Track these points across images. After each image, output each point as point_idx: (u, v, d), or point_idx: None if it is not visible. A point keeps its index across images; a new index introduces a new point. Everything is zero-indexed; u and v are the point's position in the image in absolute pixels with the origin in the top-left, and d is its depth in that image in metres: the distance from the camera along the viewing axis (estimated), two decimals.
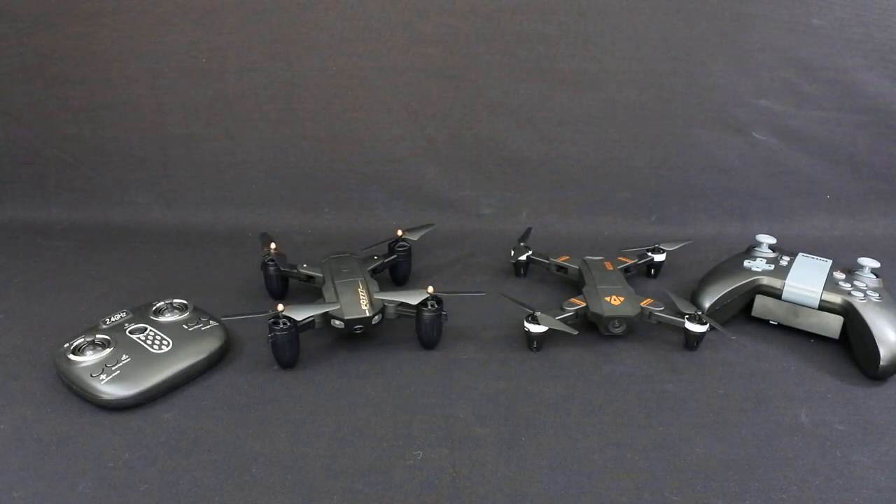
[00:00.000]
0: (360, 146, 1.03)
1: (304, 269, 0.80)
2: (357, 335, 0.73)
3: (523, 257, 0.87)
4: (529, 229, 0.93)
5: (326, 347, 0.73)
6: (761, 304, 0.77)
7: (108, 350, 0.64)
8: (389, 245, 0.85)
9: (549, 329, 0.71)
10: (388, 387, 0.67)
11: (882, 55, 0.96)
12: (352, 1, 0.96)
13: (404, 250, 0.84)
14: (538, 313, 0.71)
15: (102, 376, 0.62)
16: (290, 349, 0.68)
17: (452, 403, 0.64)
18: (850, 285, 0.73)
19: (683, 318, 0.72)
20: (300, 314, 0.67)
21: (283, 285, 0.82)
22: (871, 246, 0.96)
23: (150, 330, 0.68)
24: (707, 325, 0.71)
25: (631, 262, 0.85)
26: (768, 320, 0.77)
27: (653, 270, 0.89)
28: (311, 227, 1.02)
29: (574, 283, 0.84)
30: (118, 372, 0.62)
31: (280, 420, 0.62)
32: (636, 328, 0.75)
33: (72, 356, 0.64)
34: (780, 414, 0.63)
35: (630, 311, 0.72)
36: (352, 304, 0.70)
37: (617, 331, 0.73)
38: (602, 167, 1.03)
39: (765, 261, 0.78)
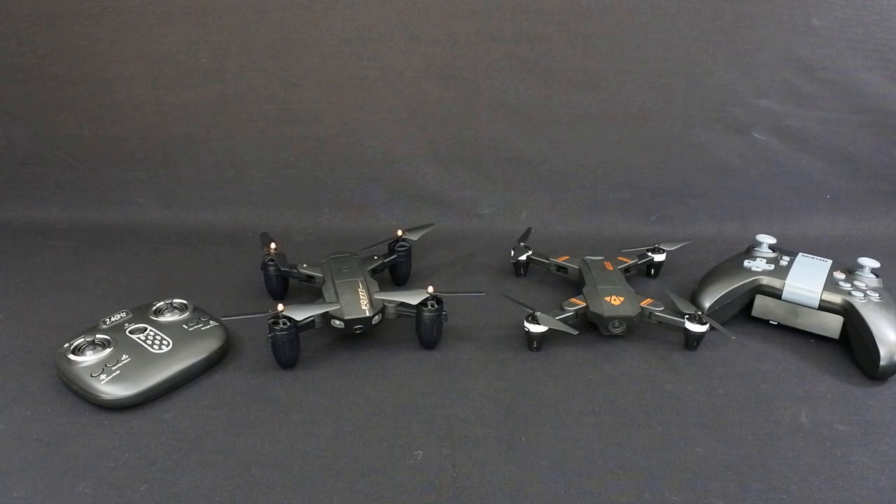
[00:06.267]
0: (360, 146, 1.03)
1: (304, 269, 0.80)
2: (357, 335, 0.73)
3: (523, 257, 0.87)
4: (529, 229, 0.93)
5: (326, 347, 0.73)
6: (761, 304, 0.77)
7: (108, 350, 0.64)
8: (389, 245, 0.85)
9: (549, 329, 0.71)
10: (388, 387, 0.67)
11: (882, 55, 0.96)
12: (352, 1, 0.96)
13: (404, 250, 0.84)
14: (538, 313, 0.71)
15: (102, 376, 0.62)
16: (290, 349, 0.67)
17: (452, 403, 0.64)
18: (850, 285, 0.73)
19: (683, 318, 0.72)
20: (300, 314, 0.67)
21: (283, 285, 0.82)
22: (871, 246, 0.96)
23: (150, 330, 0.68)
24: (707, 325, 0.71)
25: (631, 262, 0.85)
26: (768, 320, 0.77)
27: (653, 270, 0.89)
28: (311, 227, 1.02)
29: (574, 283, 0.84)
30: (118, 372, 0.62)
31: (280, 420, 0.62)
32: (636, 328, 0.75)
33: (72, 356, 0.64)
34: (780, 414, 0.63)
35: (630, 311, 0.72)
36: (352, 304, 0.70)
37: (617, 331, 0.73)
38: (602, 167, 1.03)
39: (765, 261, 0.78)
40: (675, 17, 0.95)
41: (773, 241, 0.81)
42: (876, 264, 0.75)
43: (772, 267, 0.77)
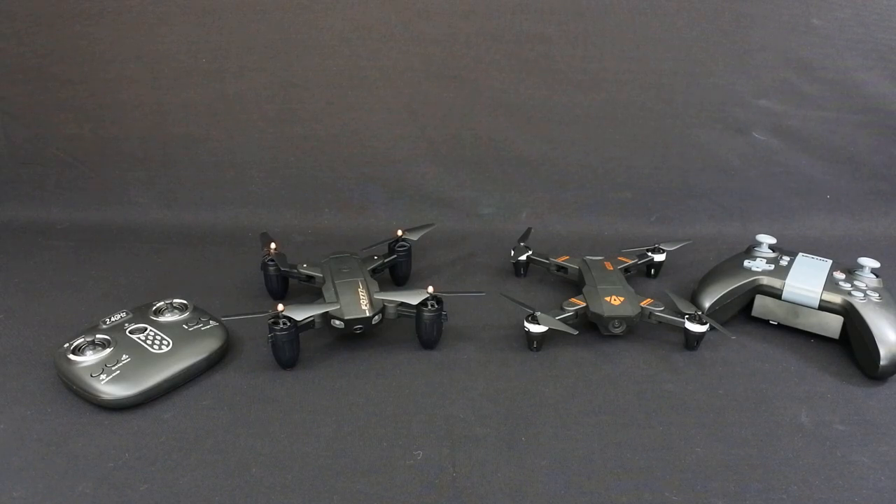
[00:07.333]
0: (360, 146, 1.03)
1: (304, 269, 0.80)
2: (357, 335, 0.73)
3: (523, 257, 0.87)
4: (529, 229, 0.93)
5: (326, 347, 0.73)
6: (761, 304, 0.77)
7: (108, 350, 0.64)
8: (389, 245, 0.85)
9: (549, 329, 0.71)
10: (388, 387, 0.67)
11: (882, 55, 0.96)
12: (352, 1, 0.96)
13: (404, 250, 0.84)
14: (538, 313, 0.71)
15: (102, 376, 0.62)
16: (290, 349, 0.67)
17: (452, 403, 0.64)
18: (850, 285, 0.73)
19: (683, 318, 0.72)
20: (300, 314, 0.67)
21: (283, 285, 0.82)
22: (871, 246, 0.96)
23: (150, 330, 0.68)
24: (707, 325, 0.71)
25: (631, 262, 0.85)
26: (768, 320, 0.77)
27: (653, 270, 0.89)
28: (311, 227, 1.02)
29: (574, 283, 0.84)
30: (118, 372, 0.62)
31: (280, 420, 0.62)
32: (636, 328, 0.75)
33: (72, 356, 0.64)
34: (780, 414, 0.63)
35: (630, 311, 0.72)
36: (352, 304, 0.70)
37: (617, 331, 0.73)
38: (602, 167, 1.03)
39: (765, 261, 0.78)
40: (675, 17, 0.95)
41: (773, 241, 0.81)
42: (876, 264, 0.75)
43: (772, 267, 0.77)
